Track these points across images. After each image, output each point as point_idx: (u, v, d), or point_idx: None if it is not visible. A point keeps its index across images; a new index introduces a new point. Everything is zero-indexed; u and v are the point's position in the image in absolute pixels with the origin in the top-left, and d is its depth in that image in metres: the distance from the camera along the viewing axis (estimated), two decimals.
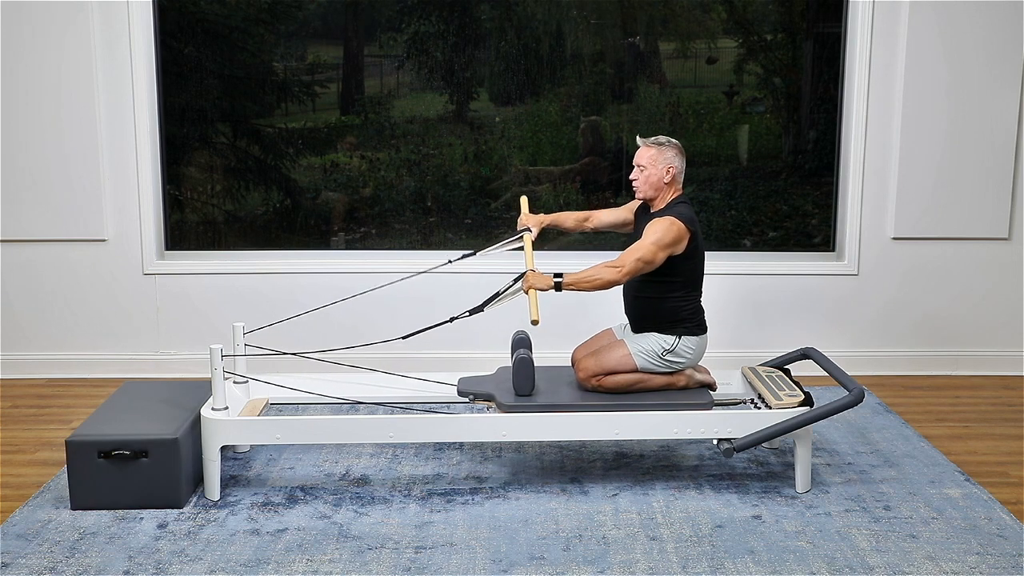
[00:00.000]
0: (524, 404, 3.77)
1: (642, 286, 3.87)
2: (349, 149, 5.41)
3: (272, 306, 5.18)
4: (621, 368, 3.85)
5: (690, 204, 3.89)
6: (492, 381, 4.00)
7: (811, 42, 5.29)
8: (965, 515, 3.63)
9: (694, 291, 3.91)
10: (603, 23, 5.31)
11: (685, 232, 3.76)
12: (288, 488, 3.85)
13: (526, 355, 3.83)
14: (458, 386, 3.97)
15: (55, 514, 3.62)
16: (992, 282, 5.26)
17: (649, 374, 3.87)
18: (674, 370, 3.90)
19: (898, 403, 4.88)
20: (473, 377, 4.06)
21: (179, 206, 5.36)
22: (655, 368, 3.87)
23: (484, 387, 3.93)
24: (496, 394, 3.85)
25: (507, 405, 3.78)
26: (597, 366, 3.85)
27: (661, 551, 3.36)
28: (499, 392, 3.86)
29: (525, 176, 5.41)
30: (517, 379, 3.82)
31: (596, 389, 3.87)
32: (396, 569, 3.24)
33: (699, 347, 3.91)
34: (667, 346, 3.85)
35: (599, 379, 3.85)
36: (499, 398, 3.82)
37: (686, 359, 3.89)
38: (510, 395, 3.83)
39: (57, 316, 5.23)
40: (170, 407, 3.87)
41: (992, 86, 5.05)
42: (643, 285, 3.86)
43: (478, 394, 3.90)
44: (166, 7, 5.12)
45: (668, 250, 3.75)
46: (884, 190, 5.18)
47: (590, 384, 3.87)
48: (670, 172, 3.85)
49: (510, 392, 3.85)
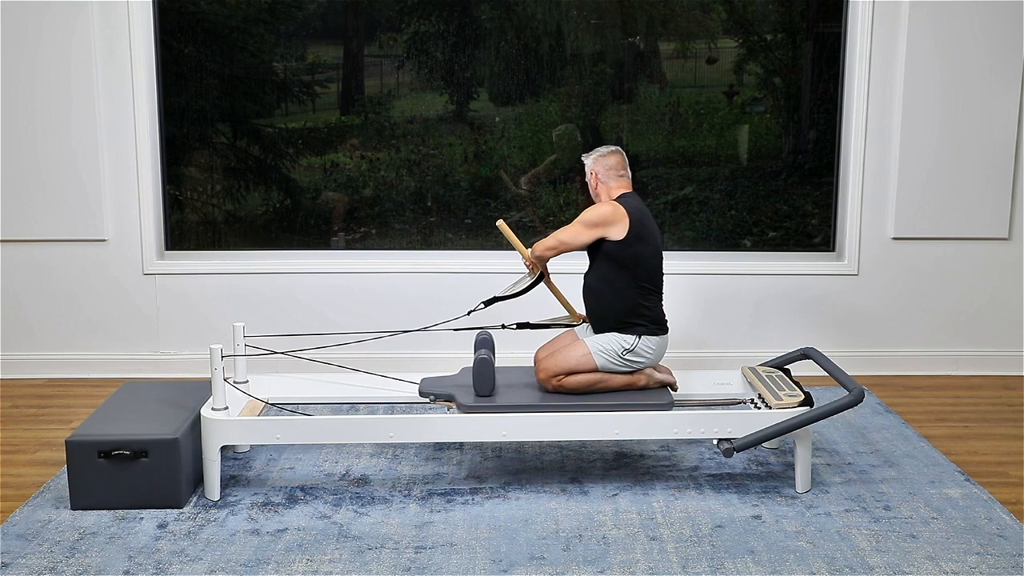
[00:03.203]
0: (484, 405, 3.76)
1: (598, 284, 3.89)
2: (351, 150, 5.41)
3: (272, 306, 5.18)
4: (581, 368, 3.84)
5: (639, 199, 3.92)
6: (453, 382, 3.99)
7: (811, 42, 5.29)
8: (965, 515, 3.63)
9: (651, 290, 3.89)
10: (603, 23, 5.31)
11: (619, 212, 3.79)
12: (288, 488, 3.85)
13: (486, 356, 3.82)
14: (420, 386, 3.96)
15: (55, 514, 3.62)
16: (992, 282, 5.27)
17: (609, 374, 3.88)
18: (634, 369, 3.90)
19: (898, 403, 4.88)
20: (436, 377, 4.05)
21: (179, 206, 5.36)
22: (615, 367, 3.87)
23: (445, 387, 3.92)
24: (456, 395, 3.84)
25: (466, 406, 3.76)
26: (557, 366, 3.85)
27: (661, 551, 3.36)
28: (459, 393, 3.85)
29: (525, 187, 5.41)
30: (477, 380, 3.80)
31: (557, 390, 3.86)
32: (396, 569, 3.24)
33: (659, 347, 3.91)
34: (627, 345, 3.85)
35: (559, 379, 3.85)
36: (459, 399, 3.81)
37: (646, 359, 3.89)
38: (470, 396, 3.82)
39: (57, 316, 5.23)
40: (170, 407, 3.87)
41: (992, 86, 5.05)
42: (599, 283, 3.89)
43: (438, 395, 3.89)
44: (166, 7, 5.12)
45: (596, 229, 3.80)
46: (884, 190, 5.19)
47: (551, 384, 3.87)
48: (594, 176, 3.96)
49: (470, 393, 3.84)
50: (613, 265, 3.82)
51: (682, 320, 5.22)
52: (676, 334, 5.22)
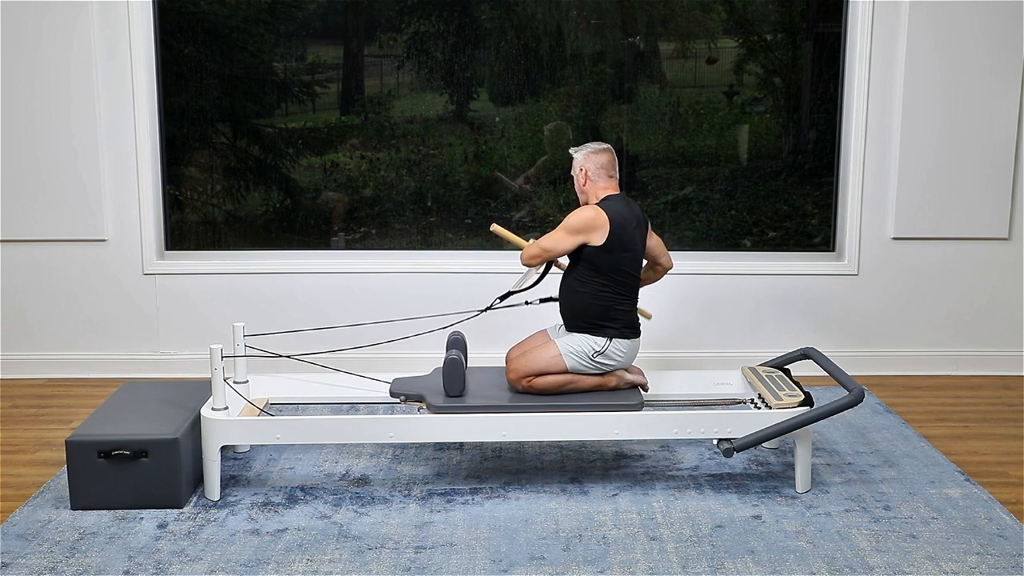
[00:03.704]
0: (453, 405, 3.76)
1: (573, 283, 3.88)
2: (352, 150, 5.41)
3: (272, 306, 5.18)
4: (551, 369, 3.84)
5: (626, 201, 3.89)
6: (424, 382, 3.98)
7: (811, 42, 5.29)
8: (965, 515, 3.63)
9: (625, 293, 3.88)
10: (603, 23, 5.31)
11: (601, 218, 3.76)
12: (288, 488, 3.85)
13: (456, 356, 3.81)
14: (391, 387, 3.95)
15: (55, 514, 3.62)
16: (992, 282, 5.26)
17: (579, 375, 3.88)
18: (604, 372, 3.90)
19: (898, 403, 4.88)
20: (407, 378, 4.04)
21: (179, 206, 5.36)
22: (585, 369, 3.86)
23: (416, 388, 3.91)
24: (426, 395, 3.83)
25: (436, 406, 3.76)
26: (527, 367, 3.84)
27: (661, 551, 3.36)
28: (429, 393, 3.84)
29: (521, 188, 5.41)
30: (447, 380, 3.80)
31: (527, 390, 3.86)
32: (396, 569, 3.24)
33: (630, 350, 3.91)
34: (598, 348, 3.85)
35: (529, 380, 3.84)
36: (429, 399, 3.80)
37: (616, 362, 3.88)
38: (440, 396, 3.82)
39: (57, 316, 5.23)
40: (170, 407, 3.87)
41: (992, 86, 5.05)
42: (573, 282, 3.88)
43: (409, 395, 3.88)
44: (166, 7, 5.12)
45: (578, 236, 3.78)
46: (884, 190, 5.19)
47: (521, 385, 3.86)
48: (584, 172, 3.91)
49: (440, 393, 3.83)
50: (590, 268, 3.82)
51: (682, 320, 5.22)
52: (676, 334, 5.24)
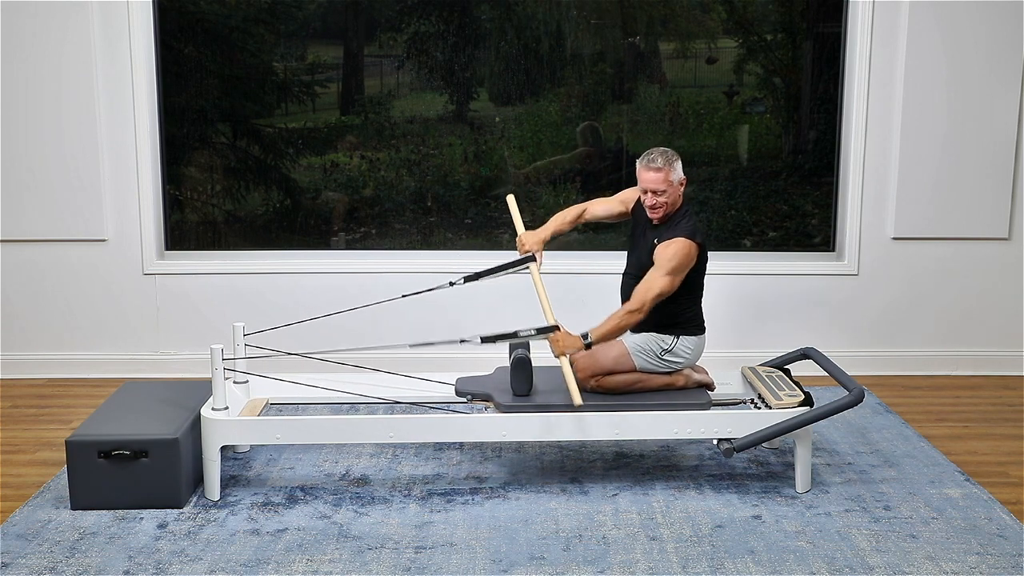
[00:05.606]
0: (522, 404, 3.77)
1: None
2: (349, 149, 5.41)
3: (272, 306, 5.18)
4: (619, 368, 3.85)
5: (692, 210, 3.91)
6: (490, 381, 4.00)
7: (811, 42, 5.29)
8: (965, 515, 3.63)
9: (696, 295, 3.92)
10: (603, 23, 5.31)
11: (694, 250, 3.80)
12: (288, 488, 3.85)
13: (524, 355, 3.83)
14: (456, 386, 3.97)
15: (55, 514, 3.62)
16: (992, 282, 5.26)
17: (648, 374, 3.88)
18: (672, 370, 3.90)
19: (898, 403, 4.87)
20: (471, 377, 4.06)
21: (179, 206, 5.36)
22: (653, 368, 3.87)
23: (482, 387, 3.93)
24: (494, 394, 3.85)
25: (505, 405, 3.77)
26: (595, 366, 3.84)
27: (661, 551, 3.36)
28: (497, 392, 3.86)
29: (524, 178, 5.41)
30: (515, 379, 3.81)
31: (595, 389, 3.86)
32: (396, 569, 3.24)
33: (697, 347, 3.92)
34: (665, 346, 3.85)
35: (598, 379, 3.85)
36: (497, 398, 3.82)
37: (684, 359, 3.90)
38: (508, 395, 3.83)
39: (57, 316, 5.23)
40: (170, 407, 3.87)
41: (992, 86, 5.05)
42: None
43: (476, 394, 3.90)
44: (166, 7, 5.12)
45: (683, 274, 3.79)
46: (884, 190, 5.18)
47: (589, 384, 3.86)
48: (682, 186, 3.89)
49: (508, 392, 3.85)
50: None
51: None
52: None
